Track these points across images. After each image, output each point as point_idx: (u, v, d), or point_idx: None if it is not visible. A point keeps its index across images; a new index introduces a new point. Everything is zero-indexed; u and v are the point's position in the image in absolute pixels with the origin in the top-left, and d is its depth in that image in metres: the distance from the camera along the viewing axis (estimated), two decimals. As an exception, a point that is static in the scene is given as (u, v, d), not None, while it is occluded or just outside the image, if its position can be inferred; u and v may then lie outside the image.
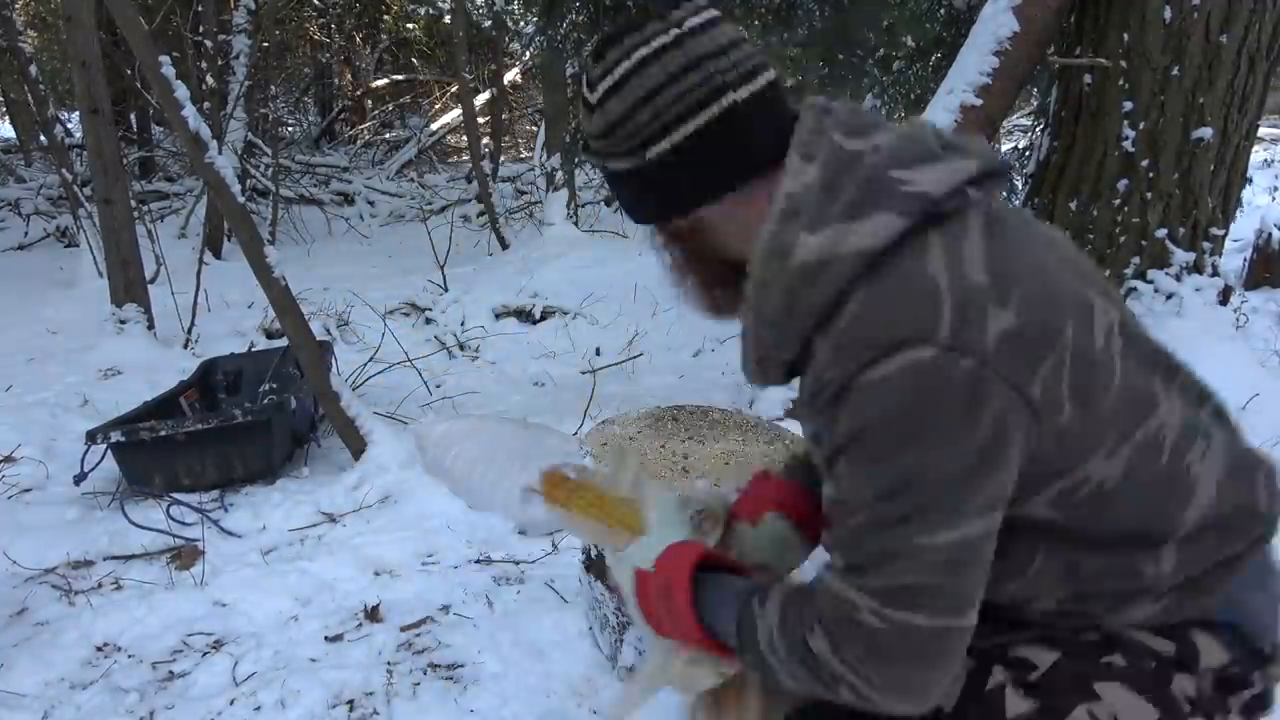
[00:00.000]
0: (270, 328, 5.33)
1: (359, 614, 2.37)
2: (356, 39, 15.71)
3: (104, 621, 2.35)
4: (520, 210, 9.74)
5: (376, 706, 2.00)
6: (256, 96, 9.77)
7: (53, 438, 3.67)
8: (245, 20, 8.44)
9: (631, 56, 0.93)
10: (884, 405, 0.84)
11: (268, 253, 3.16)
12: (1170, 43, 3.01)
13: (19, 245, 8.50)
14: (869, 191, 0.87)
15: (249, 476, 3.26)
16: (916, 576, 0.85)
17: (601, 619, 2.03)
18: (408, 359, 4.45)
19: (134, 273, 5.22)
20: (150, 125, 11.51)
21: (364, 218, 10.19)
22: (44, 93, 7.81)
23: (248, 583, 2.52)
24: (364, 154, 13.59)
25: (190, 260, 6.16)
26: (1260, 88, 3.08)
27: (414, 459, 3.15)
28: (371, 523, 2.89)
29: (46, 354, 5.00)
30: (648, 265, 7.44)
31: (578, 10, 5.09)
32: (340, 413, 3.25)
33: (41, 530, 2.88)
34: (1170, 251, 3.15)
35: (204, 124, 3.14)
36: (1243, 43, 2.97)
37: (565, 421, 3.64)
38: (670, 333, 5.35)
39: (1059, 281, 0.91)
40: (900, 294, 0.85)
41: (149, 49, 3.09)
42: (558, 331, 5.49)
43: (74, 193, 6.83)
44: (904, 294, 0.85)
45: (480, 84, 13.63)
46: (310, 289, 5.85)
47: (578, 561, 2.17)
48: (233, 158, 8.11)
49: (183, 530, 2.89)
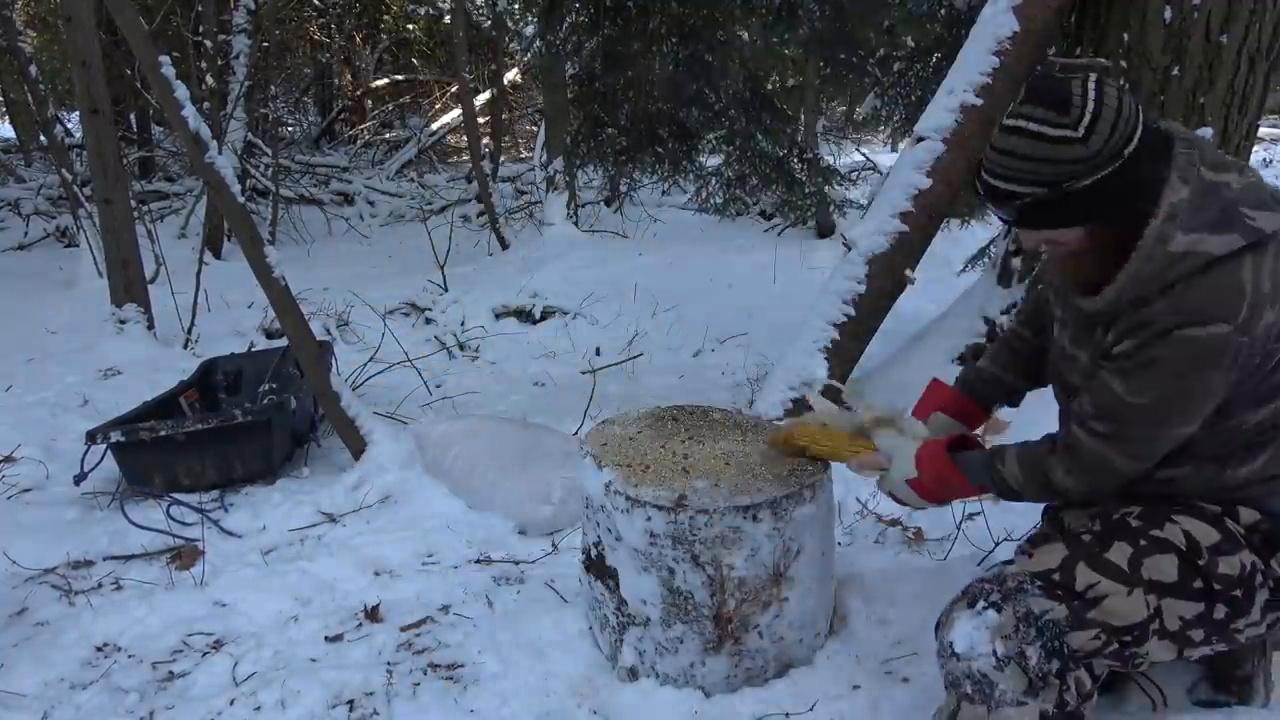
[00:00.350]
0: (270, 328, 5.33)
1: (359, 614, 2.37)
2: (356, 39, 15.71)
3: (104, 621, 2.35)
4: (520, 210, 9.75)
5: (376, 706, 2.00)
6: (256, 96, 9.77)
7: (53, 438, 3.67)
8: (245, 20, 8.44)
9: (1089, 96, 1.35)
10: (1190, 351, 1.35)
11: (268, 253, 3.16)
12: (1170, 43, 3.01)
13: (19, 245, 8.50)
14: (1227, 216, 1.35)
15: (249, 476, 3.26)
16: (1153, 446, 1.46)
17: (601, 619, 2.03)
18: (408, 359, 4.45)
19: (134, 273, 5.22)
20: (150, 125, 11.51)
21: (364, 218, 10.19)
22: (44, 93, 7.81)
23: (248, 583, 2.52)
24: (364, 154, 13.60)
25: (190, 260, 6.16)
26: (1260, 88, 3.08)
27: (414, 459, 3.15)
28: (371, 523, 2.89)
29: (46, 354, 5.00)
30: (648, 265, 7.48)
31: (578, 11, 5.09)
32: (340, 413, 3.24)
33: (41, 530, 2.88)
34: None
35: (204, 124, 3.14)
36: (1243, 43, 2.97)
37: (565, 421, 3.64)
38: (670, 333, 5.35)
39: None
40: (1223, 284, 1.33)
41: (149, 49, 3.09)
42: (558, 331, 5.49)
43: (74, 193, 6.83)
44: (1225, 285, 1.33)
45: (480, 84, 13.64)
46: (310, 289, 5.85)
47: (578, 561, 2.17)
48: (233, 158, 8.12)
49: (183, 530, 2.89)
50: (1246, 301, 1.32)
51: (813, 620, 1.97)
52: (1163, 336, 1.36)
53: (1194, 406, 1.40)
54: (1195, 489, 1.52)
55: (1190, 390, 1.38)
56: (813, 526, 1.89)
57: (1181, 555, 1.45)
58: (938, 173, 3.13)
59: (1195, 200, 1.35)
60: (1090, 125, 1.33)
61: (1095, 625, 1.42)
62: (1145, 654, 1.46)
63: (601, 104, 5.45)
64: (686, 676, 1.92)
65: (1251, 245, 1.34)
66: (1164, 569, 1.44)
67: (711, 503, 1.79)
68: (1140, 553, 1.46)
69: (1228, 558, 1.45)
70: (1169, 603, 1.44)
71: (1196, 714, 1.76)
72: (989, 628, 1.43)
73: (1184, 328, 1.34)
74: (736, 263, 7.27)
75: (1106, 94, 1.34)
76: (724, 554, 1.80)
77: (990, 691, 1.44)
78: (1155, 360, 1.37)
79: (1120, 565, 1.45)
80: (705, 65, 5.09)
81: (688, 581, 1.83)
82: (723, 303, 5.98)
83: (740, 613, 1.85)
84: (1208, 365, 1.35)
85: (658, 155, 5.49)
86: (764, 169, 5.59)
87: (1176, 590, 1.44)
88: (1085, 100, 1.33)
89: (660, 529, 1.81)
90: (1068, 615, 1.42)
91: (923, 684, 1.92)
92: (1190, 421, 1.42)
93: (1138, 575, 1.44)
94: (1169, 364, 1.36)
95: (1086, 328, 1.56)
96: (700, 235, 8.24)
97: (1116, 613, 1.42)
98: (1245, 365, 1.37)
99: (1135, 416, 1.43)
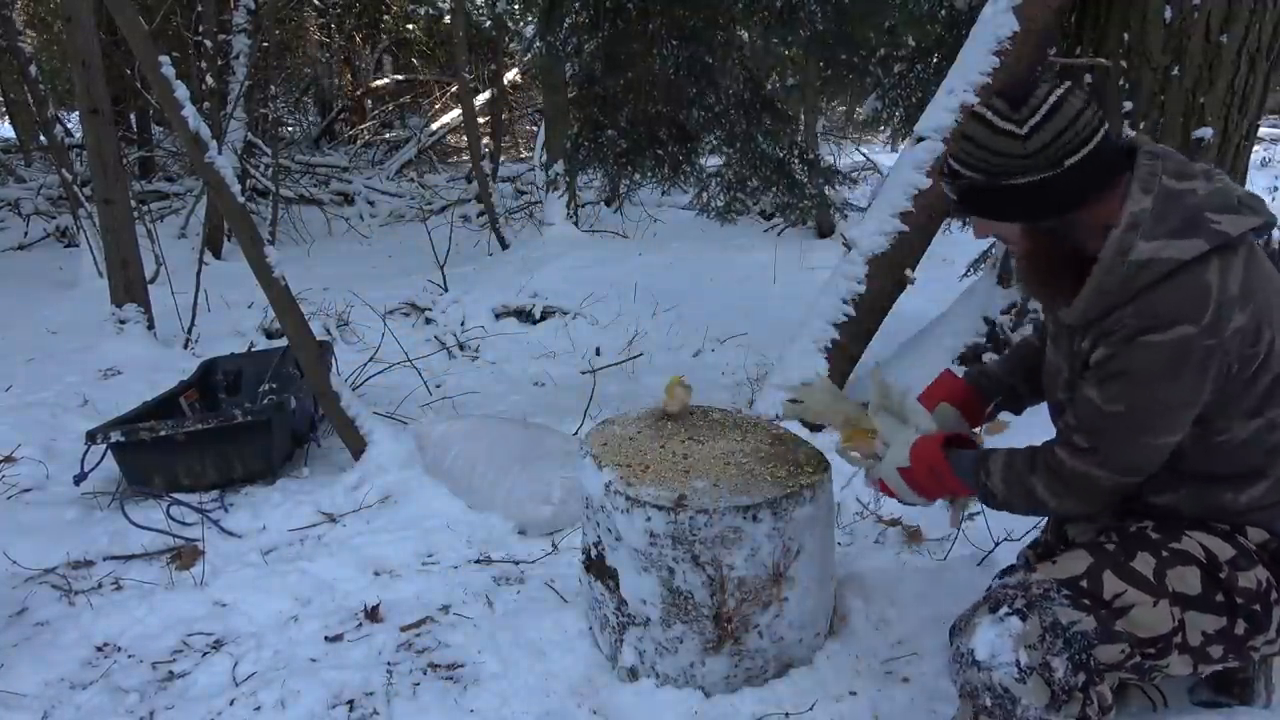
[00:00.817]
0: (270, 328, 5.33)
1: (359, 614, 2.37)
2: (356, 39, 15.71)
3: (104, 621, 2.35)
4: (520, 210, 9.75)
5: (376, 706, 2.00)
6: (256, 96, 9.77)
7: (53, 438, 3.67)
8: (245, 20, 8.45)
9: (1047, 100, 1.37)
10: (1157, 356, 1.35)
11: (268, 253, 3.16)
12: (1170, 42, 3.01)
13: (19, 245, 8.51)
14: (1190, 222, 1.35)
15: (249, 476, 3.26)
16: (1136, 460, 1.44)
17: (601, 619, 2.03)
18: (408, 359, 4.45)
19: (134, 273, 5.22)
20: (150, 125, 11.52)
21: (364, 218, 10.19)
22: (44, 93, 7.81)
23: (248, 583, 2.52)
24: (364, 154, 13.60)
25: (190, 260, 6.16)
26: (1260, 88, 3.08)
27: (414, 459, 3.14)
28: (371, 523, 2.89)
29: (46, 354, 4.99)
30: (648, 265, 7.47)
31: (578, 11, 5.08)
32: (340, 413, 3.24)
33: (41, 530, 2.88)
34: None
35: (204, 124, 3.14)
36: (1243, 43, 2.97)
37: (565, 421, 3.64)
38: (670, 333, 5.35)
39: (1273, 301, 1.40)
40: (1188, 289, 1.34)
41: (149, 49, 3.09)
42: (558, 331, 5.49)
43: (74, 193, 6.84)
44: (1190, 289, 1.34)
45: (480, 84, 13.63)
46: (310, 289, 5.84)
47: (578, 561, 2.17)
48: (233, 158, 8.12)
49: (183, 530, 2.89)
50: (1212, 303, 1.33)
51: (813, 620, 1.97)
52: (1129, 343, 1.37)
53: (1171, 414, 1.39)
54: (1197, 514, 1.51)
55: (1163, 396, 1.37)
56: (813, 526, 1.89)
57: (1203, 568, 1.44)
58: (938, 173, 3.13)
59: (1158, 208, 1.37)
60: (1035, 126, 1.36)
61: (1123, 638, 1.41)
62: (1165, 668, 1.45)
63: (601, 106, 5.44)
64: (686, 676, 1.92)
65: (1218, 249, 1.34)
66: (1188, 581, 1.43)
67: (711, 503, 1.79)
68: (1164, 564, 1.44)
69: (1245, 572, 1.44)
70: (1192, 616, 1.42)
71: (1197, 714, 1.76)
72: (1012, 635, 1.39)
73: (1148, 333, 1.35)
74: (736, 262, 7.27)
75: (1066, 104, 1.37)
76: (724, 554, 1.80)
77: (1011, 708, 1.39)
78: (1125, 367, 1.38)
79: (1146, 575, 1.43)
80: (705, 66, 5.08)
81: (688, 581, 1.83)
82: (723, 303, 5.98)
83: (740, 613, 1.85)
84: (1177, 369, 1.35)
85: (658, 157, 5.48)
86: (764, 170, 5.58)
87: (1200, 604, 1.43)
88: (1041, 104, 1.37)
89: (660, 529, 1.81)
90: (1096, 627, 1.40)
91: (922, 684, 1.92)
92: (1170, 430, 1.41)
93: (1163, 586, 1.42)
94: (1139, 370, 1.37)
95: (1067, 339, 1.57)
96: (700, 235, 8.24)
97: (1143, 624, 1.41)
98: (1222, 371, 1.36)
99: (1113, 426, 1.42)
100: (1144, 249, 1.36)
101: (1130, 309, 1.38)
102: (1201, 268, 1.34)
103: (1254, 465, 1.46)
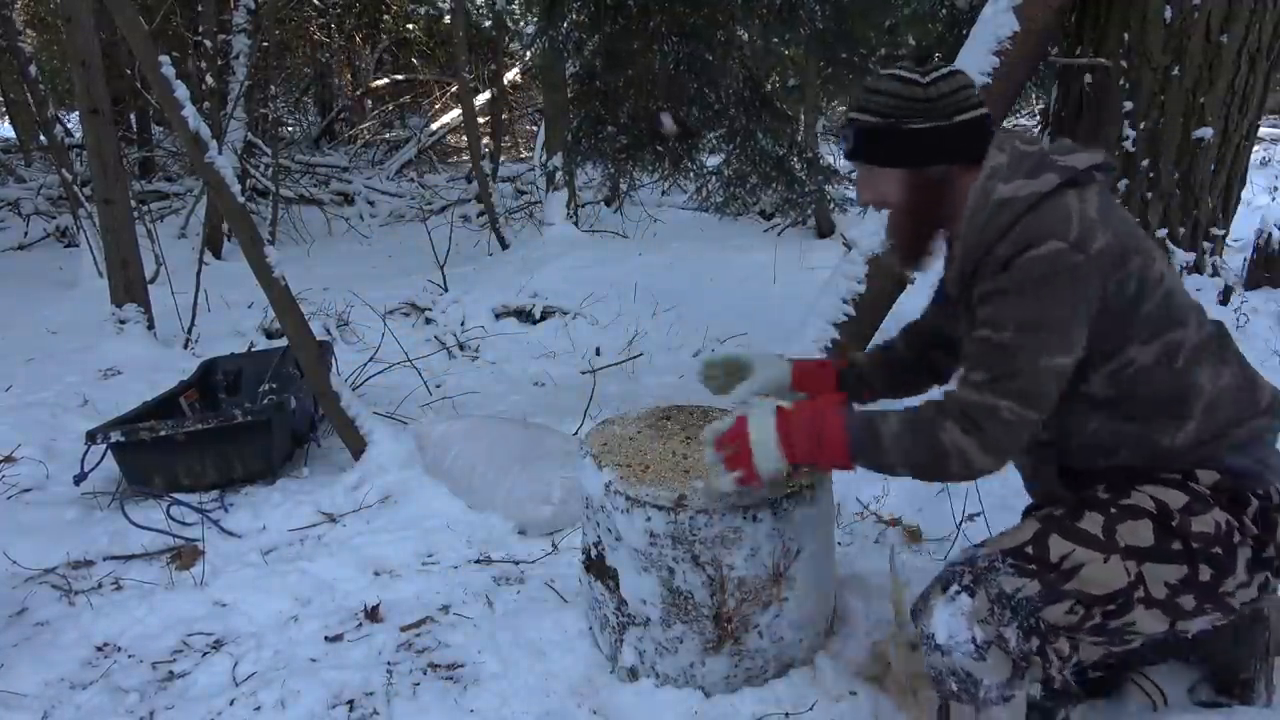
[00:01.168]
0: (270, 328, 5.33)
1: (359, 614, 2.37)
2: (356, 39, 15.71)
3: (104, 621, 2.35)
4: (520, 210, 9.75)
5: (376, 706, 2.00)
6: (256, 96, 9.77)
7: (53, 438, 3.67)
8: (245, 20, 8.44)
9: (946, 67, 1.56)
10: (1033, 270, 1.42)
11: (268, 253, 3.16)
12: (1171, 42, 3.01)
13: (19, 245, 8.51)
14: (1040, 164, 1.49)
15: (249, 476, 3.26)
16: (1035, 385, 1.43)
17: (601, 619, 2.03)
18: (408, 359, 4.45)
19: (134, 273, 5.22)
20: (150, 125, 11.51)
21: (364, 218, 10.19)
22: (44, 93, 7.82)
23: (248, 583, 2.52)
24: (364, 154, 13.60)
25: (190, 260, 6.16)
26: (1260, 88, 3.08)
27: (414, 459, 3.14)
28: (371, 523, 2.89)
29: (46, 354, 4.99)
30: (648, 265, 7.44)
31: (578, 10, 5.08)
32: (340, 413, 3.24)
33: (41, 530, 2.88)
34: (1171, 252, 3.14)
35: (204, 124, 3.14)
36: (1243, 43, 2.97)
37: (565, 421, 3.64)
38: (670, 333, 5.35)
39: (1135, 232, 1.50)
40: (1051, 213, 1.44)
41: (149, 49, 3.09)
42: (558, 331, 5.49)
43: (74, 193, 6.84)
44: (1053, 213, 1.44)
45: (480, 84, 13.63)
46: (310, 289, 5.84)
47: (578, 561, 2.17)
48: (233, 158, 8.12)
49: (183, 530, 2.89)
50: (1075, 220, 1.43)
51: (813, 620, 1.97)
52: (1006, 268, 1.45)
53: (1059, 331, 1.42)
54: (1146, 465, 1.52)
55: (1047, 312, 1.42)
56: (813, 526, 1.89)
57: (1154, 519, 1.46)
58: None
59: (1012, 161, 1.51)
60: (935, 80, 1.53)
61: (1070, 596, 1.43)
62: (1133, 625, 1.45)
63: (602, 102, 5.44)
64: (686, 676, 1.92)
65: (1069, 182, 1.46)
66: (1140, 534, 1.45)
67: (711, 503, 1.79)
68: (1112, 520, 1.47)
69: (1200, 516, 1.46)
70: (1150, 568, 1.44)
71: (1197, 714, 1.76)
72: (964, 613, 1.43)
73: (1022, 253, 1.43)
74: (736, 262, 7.27)
75: (961, 76, 1.56)
76: (724, 554, 1.80)
77: (975, 691, 1.45)
78: (1005, 290, 1.45)
79: (1094, 533, 1.46)
80: (705, 64, 5.08)
81: (688, 581, 1.83)
82: (723, 303, 5.97)
83: (740, 613, 1.85)
84: (1053, 282, 1.41)
85: (658, 154, 5.47)
86: (764, 167, 5.58)
87: (1156, 555, 1.44)
88: (941, 67, 1.56)
89: (660, 529, 1.81)
90: (1040, 590, 1.43)
91: (923, 684, 1.92)
92: (1062, 349, 1.43)
93: (1113, 541, 1.45)
94: (1018, 290, 1.43)
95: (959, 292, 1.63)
96: (700, 235, 8.24)
97: (1095, 580, 1.43)
98: (1097, 291, 1.43)
99: (1004, 353, 1.44)
100: (1004, 189, 1.48)
101: (1002, 244, 1.47)
102: (1059, 195, 1.45)
103: (1176, 398, 1.49)
